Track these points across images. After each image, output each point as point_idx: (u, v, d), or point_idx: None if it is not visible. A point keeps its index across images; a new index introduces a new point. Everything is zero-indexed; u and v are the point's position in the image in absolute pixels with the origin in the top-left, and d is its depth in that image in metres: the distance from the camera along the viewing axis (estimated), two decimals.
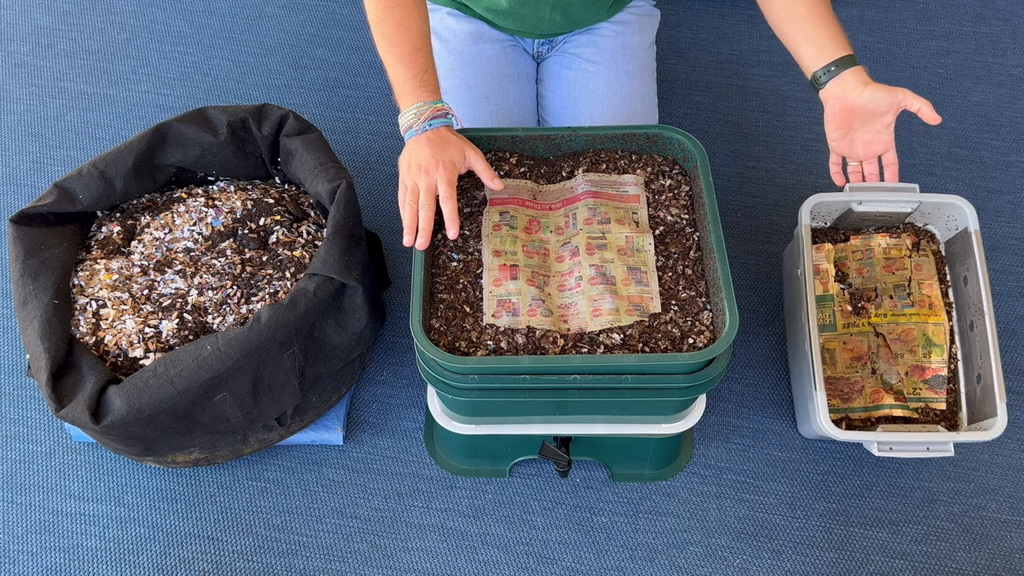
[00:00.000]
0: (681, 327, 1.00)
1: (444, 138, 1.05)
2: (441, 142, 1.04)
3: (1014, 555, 1.20)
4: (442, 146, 1.04)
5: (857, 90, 1.08)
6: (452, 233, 1.03)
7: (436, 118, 1.06)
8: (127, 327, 1.12)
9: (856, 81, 1.09)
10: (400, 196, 1.05)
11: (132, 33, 1.80)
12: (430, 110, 1.06)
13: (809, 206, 1.24)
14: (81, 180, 1.20)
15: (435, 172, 1.02)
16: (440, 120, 1.07)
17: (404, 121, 1.07)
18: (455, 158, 1.04)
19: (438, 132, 1.06)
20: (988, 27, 1.83)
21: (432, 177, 1.02)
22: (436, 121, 1.06)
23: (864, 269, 1.31)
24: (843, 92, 1.09)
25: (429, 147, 1.04)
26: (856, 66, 1.09)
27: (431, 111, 1.06)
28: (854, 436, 1.13)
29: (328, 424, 1.26)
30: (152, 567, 1.18)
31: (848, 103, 1.10)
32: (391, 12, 1.09)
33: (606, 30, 1.35)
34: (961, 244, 1.28)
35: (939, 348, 1.24)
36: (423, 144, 1.04)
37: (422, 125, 1.05)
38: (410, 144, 1.06)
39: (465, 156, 1.06)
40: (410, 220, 1.02)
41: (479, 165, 1.06)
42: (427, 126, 1.06)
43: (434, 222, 1.03)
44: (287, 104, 1.53)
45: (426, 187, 1.02)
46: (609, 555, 1.20)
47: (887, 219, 1.33)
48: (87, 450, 1.27)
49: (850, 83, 1.09)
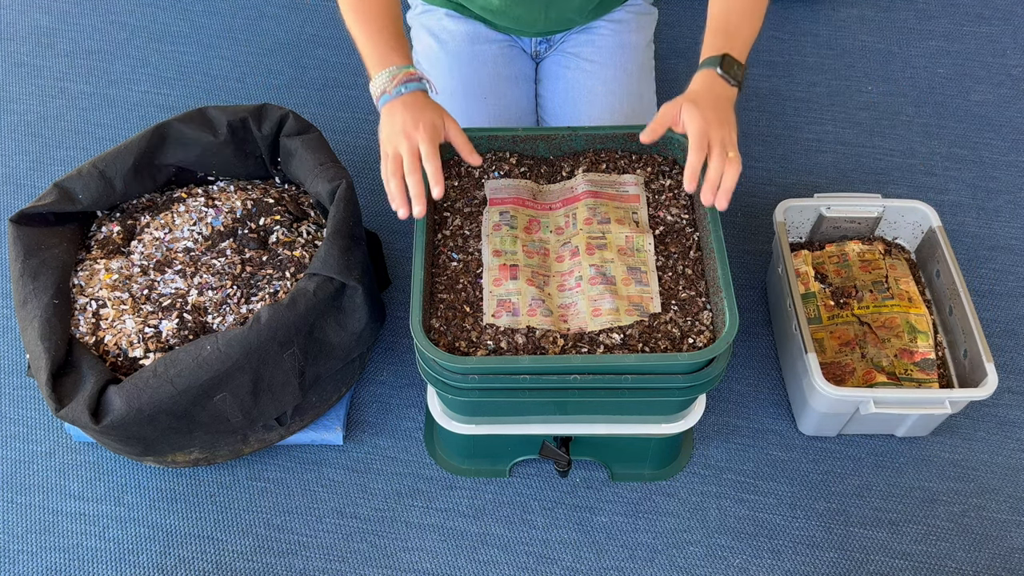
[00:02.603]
0: (681, 327, 1.00)
1: (420, 103, 1.01)
2: (417, 106, 1.00)
3: (1014, 555, 1.20)
4: (419, 110, 1.00)
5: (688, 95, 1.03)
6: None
7: (410, 81, 1.02)
8: (127, 327, 1.12)
9: (694, 87, 1.04)
10: (383, 168, 0.99)
11: (132, 33, 1.80)
12: (403, 74, 1.02)
13: (782, 209, 1.33)
14: (81, 180, 1.20)
15: (415, 134, 0.97)
16: (414, 84, 1.02)
17: (376, 87, 1.03)
18: (435, 121, 1.00)
19: (413, 96, 1.01)
20: (988, 27, 1.83)
21: (413, 140, 0.97)
22: (411, 84, 1.02)
23: (842, 271, 1.36)
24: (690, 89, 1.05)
25: (406, 111, 0.99)
26: (707, 70, 1.04)
27: (404, 75, 1.02)
28: (849, 393, 1.14)
29: (328, 424, 1.26)
30: (152, 567, 1.18)
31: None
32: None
33: (604, 29, 1.35)
34: (928, 244, 1.35)
35: (924, 335, 1.26)
36: (399, 108, 1.00)
37: (395, 88, 1.01)
38: (385, 110, 1.01)
39: (444, 121, 1.01)
40: (397, 190, 0.97)
41: (457, 137, 1.02)
42: (401, 89, 1.01)
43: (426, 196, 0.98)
44: (287, 104, 1.52)
45: (408, 150, 0.97)
46: (609, 555, 1.20)
47: (857, 227, 1.39)
48: (87, 450, 1.27)
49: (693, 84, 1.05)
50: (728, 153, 0.97)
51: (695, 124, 0.98)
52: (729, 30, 1.07)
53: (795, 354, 1.25)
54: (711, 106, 1.00)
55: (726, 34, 1.06)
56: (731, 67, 1.03)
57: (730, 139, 0.99)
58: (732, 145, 0.98)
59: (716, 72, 1.03)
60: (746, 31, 1.07)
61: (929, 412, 1.17)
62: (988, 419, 1.31)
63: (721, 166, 0.96)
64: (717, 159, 0.96)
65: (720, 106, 1.01)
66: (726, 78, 1.03)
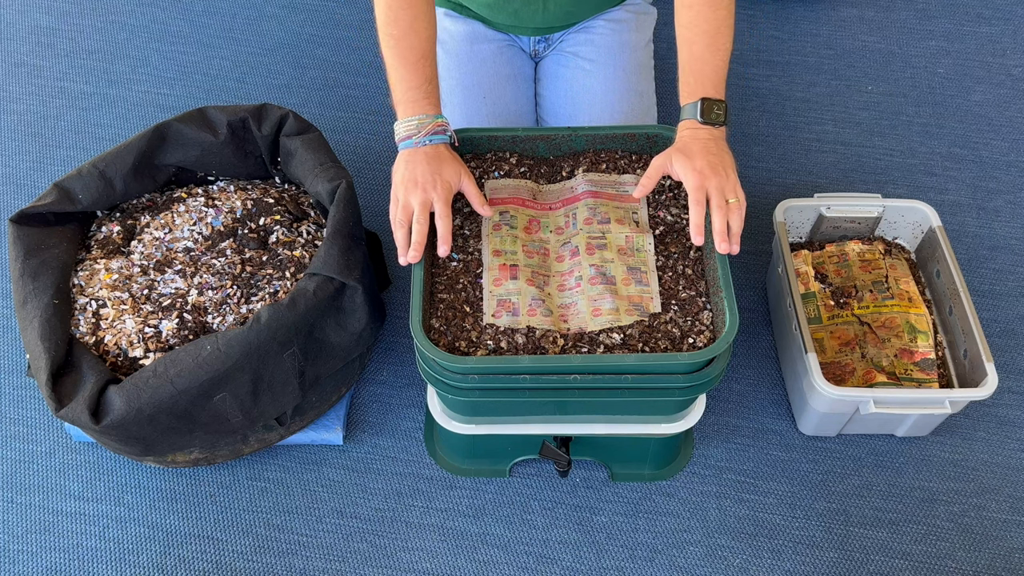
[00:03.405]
0: (681, 327, 1.00)
1: (442, 156, 1.04)
2: (439, 160, 1.03)
3: (1014, 555, 1.20)
4: (439, 164, 1.03)
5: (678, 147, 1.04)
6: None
7: (437, 134, 1.05)
8: (127, 327, 1.12)
9: (681, 137, 1.05)
10: (392, 211, 1.03)
11: (132, 33, 1.80)
12: (432, 124, 1.05)
13: (782, 209, 1.33)
14: (81, 180, 1.20)
15: (431, 191, 1.01)
16: (440, 137, 1.05)
17: (402, 130, 1.05)
18: (451, 179, 1.03)
19: (436, 149, 1.04)
20: (988, 27, 1.83)
21: (428, 195, 1.01)
22: (436, 137, 1.05)
23: (842, 271, 1.36)
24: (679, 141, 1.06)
25: (427, 164, 1.02)
26: (689, 120, 1.05)
27: (433, 125, 1.05)
28: (849, 393, 1.14)
29: (328, 424, 1.26)
30: (152, 567, 1.18)
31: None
32: (403, 13, 1.06)
33: (603, 28, 1.35)
34: (928, 244, 1.35)
35: (924, 335, 1.26)
36: (421, 160, 1.03)
37: (422, 139, 1.04)
38: (406, 156, 1.04)
39: (460, 178, 1.04)
40: (403, 239, 1.01)
41: (471, 189, 1.05)
42: (427, 140, 1.04)
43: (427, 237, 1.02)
44: (287, 104, 1.52)
45: (421, 204, 1.01)
46: (609, 555, 1.20)
47: (857, 227, 1.39)
48: (87, 450, 1.27)
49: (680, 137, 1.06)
50: (728, 200, 0.99)
51: (689, 179, 1.00)
52: (696, 66, 1.07)
53: (795, 354, 1.25)
54: (701, 154, 1.01)
55: (695, 72, 1.07)
56: (710, 112, 1.04)
57: (728, 184, 1.00)
58: (731, 190, 1.00)
59: (697, 121, 1.04)
60: (714, 61, 1.08)
61: (929, 412, 1.17)
62: (988, 419, 1.31)
63: (724, 215, 0.98)
64: (718, 210, 0.98)
65: (711, 151, 1.02)
66: (709, 124, 1.04)
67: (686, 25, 1.08)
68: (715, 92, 1.06)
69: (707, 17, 1.07)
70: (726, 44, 1.08)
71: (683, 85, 1.08)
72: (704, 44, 1.07)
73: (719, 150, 1.03)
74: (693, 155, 1.01)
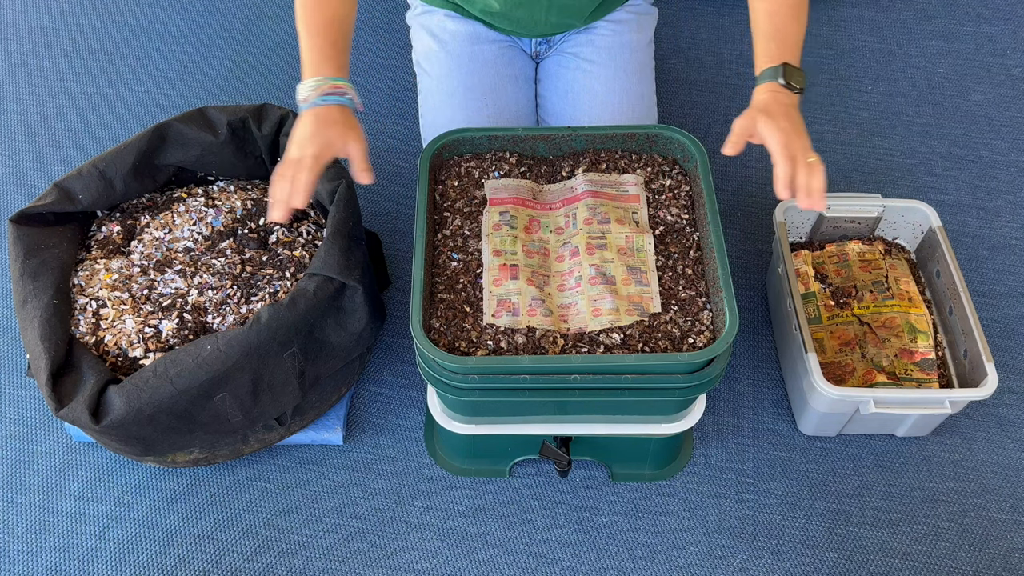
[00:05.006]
0: (681, 327, 1.00)
1: (331, 117, 1.03)
2: (326, 121, 1.03)
3: (1014, 555, 1.20)
4: (325, 125, 1.03)
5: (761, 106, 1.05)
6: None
7: (332, 95, 1.04)
8: (127, 327, 1.12)
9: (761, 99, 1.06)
10: (275, 168, 1.04)
11: (132, 32, 1.80)
12: (328, 85, 1.05)
13: (782, 209, 1.33)
14: (81, 180, 1.20)
15: (307, 148, 1.01)
16: (335, 97, 1.05)
17: (300, 93, 1.05)
18: (334, 140, 1.03)
19: (328, 110, 1.04)
20: (988, 27, 1.83)
21: (303, 152, 1.01)
22: (331, 98, 1.04)
23: (842, 271, 1.36)
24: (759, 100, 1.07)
25: (312, 124, 1.02)
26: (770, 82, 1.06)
27: (329, 86, 1.04)
28: (849, 393, 1.15)
29: (328, 424, 1.26)
30: (152, 567, 1.18)
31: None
32: None
33: (604, 29, 1.35)
34: (928, 244, 1.36)
35: (924, 335, 1.26)
36: (308, 119, 1.03)
37: (315, 99, 1.04)
38: (301, 116, 1.05)
39: (345, 141, 1.04)
40: (277, 192, 1.01)
41: (355, 153, 1.04)
42: (320, 101, 1.04)
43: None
44: (287, 104, 1.52)
45: (293, 161, 1.01)
46: (609, 555, 1.20)
47: (857, 227, 1.39)
48: (87, 450, 1.27)
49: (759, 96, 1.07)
50: (809, 159, 1.01)
51: (776, 137, 1.01)
52: (780, 34, 1.09)
53: (795, 354, 1.25)
54: (784, 115, 1.03)
55: (777, 39, 1.09)
56: (792, 76, 1.06)
57: (808, 145, 1.03)
58: (810, 150, 1.02)
59: (779, 83, 1.06)
60: (796, 31, 1.09)
61: (929, 412, 1.17)
62: (988, 419, 1.31)
63: (808, 173, 1.00)
64: (803, 167, 1.00)
65: (791, 115, 1.04)
66: (789, 87, 1.06)
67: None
68: (795, 60, 1.08)
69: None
70: (805, 20, 1.10)
71: (762, 52, 1.09)
72: (788, 15, 1.09)
73: (797, 116, 1.05)
74: (776, 115, 1.02)
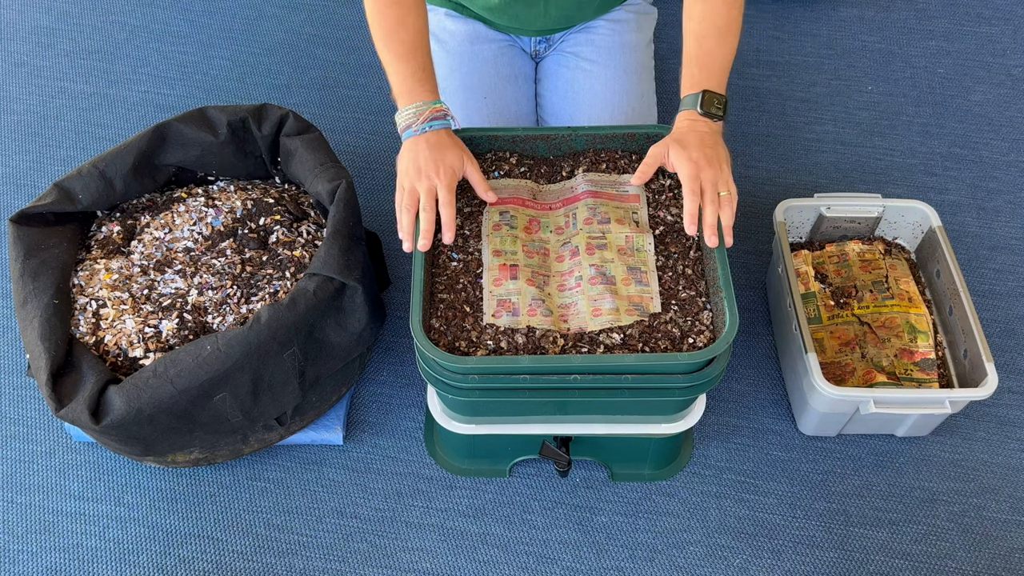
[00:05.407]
0: (681, 327, 1.00)
1: (444, 142, 1.05)
2: (441, 146, 1.04)
3: (1014, 555, 1.20)
4: (442, 151, 1.04)
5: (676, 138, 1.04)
6: (448, 238, 1.03)
7: (435, 119, 1.06)
8: (127, 327, 1.12)
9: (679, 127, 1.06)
10: (397, 199, 1.04)
11: (132, 32, 1.80)
12: (429, 110, 1.06)
13: (782, 209, 1.33)
14: (81, 180, 1.20)
15: (435, 177, 1.02)
16: (439, 122, 1.06)
17: (402, 120, 1.06)
18: (455, 164, 1.04)
19: (438, 135, 1.05)
20: (988, 27, 1.83)
21: (432, 182, 1.02)
22: (436, 123, 1.06)
23: (842, 271, 1.36)
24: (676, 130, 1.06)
25: (429, 151, 1.03)
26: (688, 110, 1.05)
27: (430, 111, 1.06)
28: (849, 393, 1.15)
29: (328, 424, 1.26)
30: (152, 567, 1.18)
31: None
32: (390, 10, 1.09)
33: (603, 28, 1.35)
34: (928, 244, 1.35)
35: (924, 334, 1.26)
36: (423, 147, 1.03)
37: (421, 126, 1.05)
38: (408, 144, 1.05)
39: (463, 163, 1.05)
40: (408, 225, 1.02)
41: (474, 175, 1.06)
42: (426, 127, 1.05)
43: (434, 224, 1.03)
44: (287, 104, 1.53)
45: (427, 191, 1.02)
46: (609, 555, 1.20)
47: (857, 227, 1.39)
48: (87, 450, 1.27)
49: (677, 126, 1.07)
50: (721, 193, 0.99)
51: (684, 168, 1.00)
52: (704, 59, 1.08)
53: (795, 354, 1.25)
54: (697, 146, 1.01)
55: (700, 64, 1.07)
56: (711, 104, 1.05)
57: (721, 176, 1.01)
58: (724, 183, 1.01)
59: (697, 112, 1.05)
60: (721, 56, 1.08)
61: (929, 412, 1.17)
62: (988, 419, 1.31)
63: (716, 209, 0.99)
64: (711, 202, 0.99)
65: (707, 143, 1.02)
66: (708, 116, 1.04)
67: (697, 19, 1.09)
68: (718, 86, 1.06)
69: (720, 13, 1.08)
70: (734, 42, 1.09)
71: (686, 76, 1.08)
72: (714, 39, 1.08)
73: (715, 143, 1.03)
74: (689, 146, 1.01)
